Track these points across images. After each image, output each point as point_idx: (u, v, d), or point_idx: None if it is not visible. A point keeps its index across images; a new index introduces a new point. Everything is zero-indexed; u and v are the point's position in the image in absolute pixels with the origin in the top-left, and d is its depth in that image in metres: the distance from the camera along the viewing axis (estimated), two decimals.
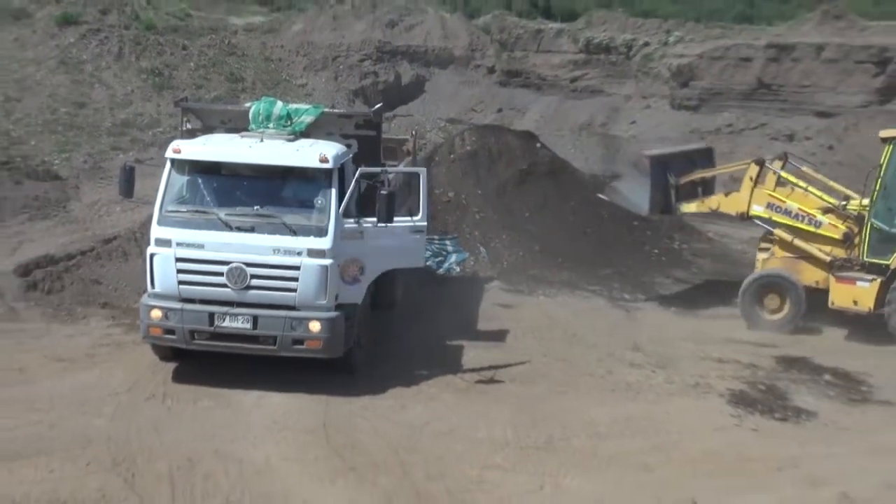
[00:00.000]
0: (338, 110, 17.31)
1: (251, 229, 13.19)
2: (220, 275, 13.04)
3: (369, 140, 15.30)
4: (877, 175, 16.98)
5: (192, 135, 14.53)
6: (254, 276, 13.06)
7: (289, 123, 14.40)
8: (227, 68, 39.11)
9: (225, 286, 13.06)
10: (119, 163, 19.08)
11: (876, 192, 16.89)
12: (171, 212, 13.34)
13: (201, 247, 13.09)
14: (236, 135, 14.33)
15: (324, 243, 13.13)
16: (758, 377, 15.09)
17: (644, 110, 39.58)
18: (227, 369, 13.43)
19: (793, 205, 17.94)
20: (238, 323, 13.12)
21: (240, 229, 13.18)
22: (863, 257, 16.96)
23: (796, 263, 17.84)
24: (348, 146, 14.41)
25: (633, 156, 20.69)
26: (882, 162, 16.95)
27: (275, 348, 13.15)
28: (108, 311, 16.59)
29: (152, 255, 13.23)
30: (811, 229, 17.67)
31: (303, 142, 14.09)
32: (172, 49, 38.71)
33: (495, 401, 13.61)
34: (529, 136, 26.30)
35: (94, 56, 36.06)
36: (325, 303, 13.18)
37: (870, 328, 17.08)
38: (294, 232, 13.15)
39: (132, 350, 14.43)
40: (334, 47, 42.33)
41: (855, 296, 16.88)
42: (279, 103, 14.68)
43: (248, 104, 15.16)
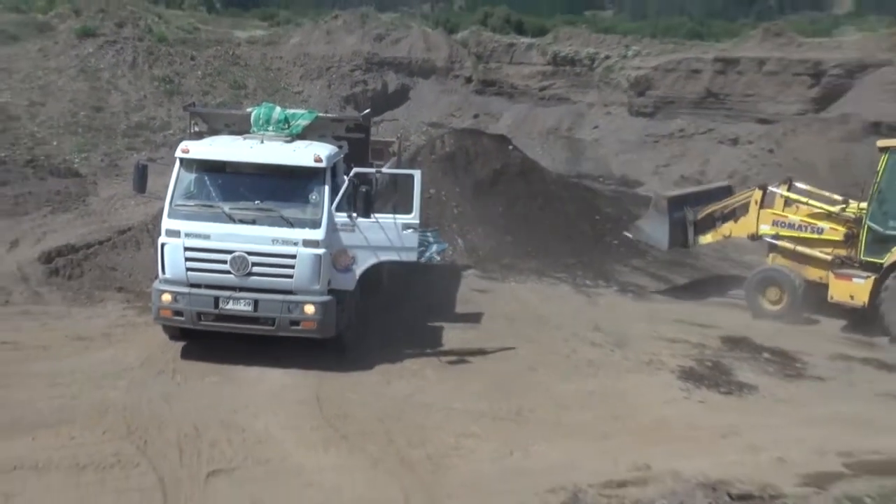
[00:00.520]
0: (330, 115, 17.22)
1: (252, 222, 13.20)
2: (224, 262, 13.04)
3: (359, 142, 15.38)
4: (874, 181, 16.88)
5: (199, 136, 14.48)
6: (255, 264, 13.06)
7: (286, 127, 14.36)
8: (230, 77, 39.05)
9: (228, 273, 13.06)
10: (133, 161, 19.01)
11: (872, 197, 16.80)
12: (180, 206, 13.34)
13: (207, 237, 13.09)
14: (239, 137, 14.29)
15: (317, 234, 13.15)
16: (705, 355, 15.15)
17: (605, 116, 39.66)
18: (231, 348, 13.42)
19: (795, 218, 17.97)
20: (240, 306, 13.12)
21: (242, 221, 13.19)
22: (860, 256, 16.85)
23: (800, 262, 17.78)
24: (340, 147, 14.42)
25: (654, 197, 20.54)
26: (878, 169, 16.83)
27: (273, 329, 13.15)
28: (123, 295, 16.53)
29: (163, 245, 13.22)
30: (815, 236, 17.62)
31: (299, 143, 14.07)
32: (182, 59, 38.63)
33: (471, 376, 13.64)
34: (502, 139, 26.29)
35: (111, 65, 35.95)
36: (318, 288, 13.19)
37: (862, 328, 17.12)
38: (291, 224, 13.16)
39: (145, 330, 14.38)
40: (328, 58, 42.28)
41: (852, 291, 16.75)
42: (278, 108, 14.65)
43: (249, 109, 15.10)
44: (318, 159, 13.28)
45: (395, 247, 13.69)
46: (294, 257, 13.09)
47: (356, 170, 13.86)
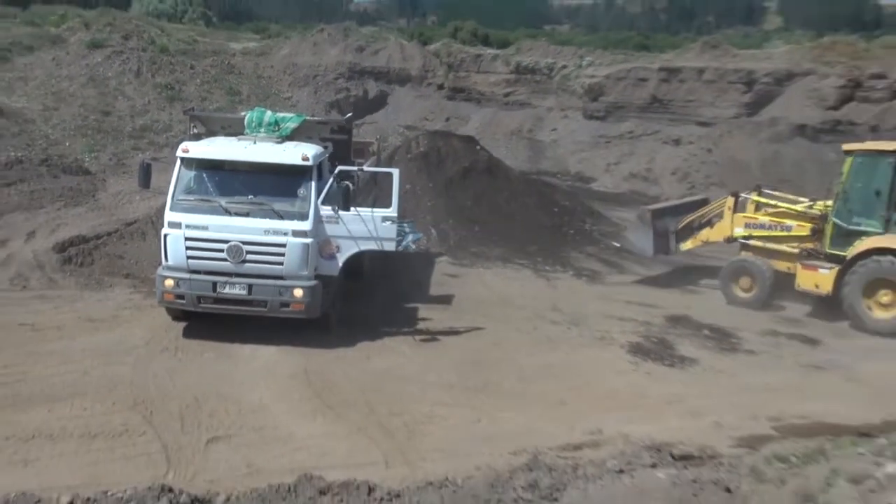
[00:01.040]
0: (316, 119, 17.18)
1: (246, 214, 13.17)
2: (221, 251, 13.02)
3: (342, 143, 15.36)
4: (839, 181, 16.78)
5: (198, 138, 14.38)
6: (249, 252, 13.04)
7: (277, 129, 14.34)
8: (226, 84, 38.84)
9: (225, 260, 13.03)
10: (138, 160, 18.91)
11: (837, 196, 16.69)
12: (181, 200, 13.29)
13: (206, 228, 13.07)
14: (234, 138, 14.24)
15: (305, 225, 13.15)
16: (651, 332, 15.23)
17: (562, 119, 39.73)
18: (227, 327, 13.34)
19: (765, 219, 17.92)
20: (236, 290, 13.09)
21: (237, 214, 13.16)
22: (825, 249, 16.73)
23: (771, 254, 17.74)
24: (325, 147, 14.36)
25: (639, 210, 20.57)
26: (843, 170, 16.71)
27: (266, 310, 13.13)
28: (129, 281, 16.42)
29: (166, 235, 13.20)
30: (783, 233, 17.59)
31: (288, 144, 14.03)
32: (182, 68, 38.38)
33: (443, 352, 13.65)
34: (471, 140, 26.25)
35: (118, 73, 35.69)
36: (306, 273, 13.19)
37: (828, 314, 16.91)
38: (281, 216, 13.16)
39: (150, 312, 14.29)
40: (314, 68, 42.10)
41: (817, 281, 16.59)
42: (269, 113, 14.62)
43: (243, 113, 15.03)
44: (305, 158, 13.27)
45: (376, 237, 13.67)
46: (284, 246, 13.08)
47: (340, 168, 13.84)
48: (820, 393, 12.36)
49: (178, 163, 13.47)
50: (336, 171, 13.71)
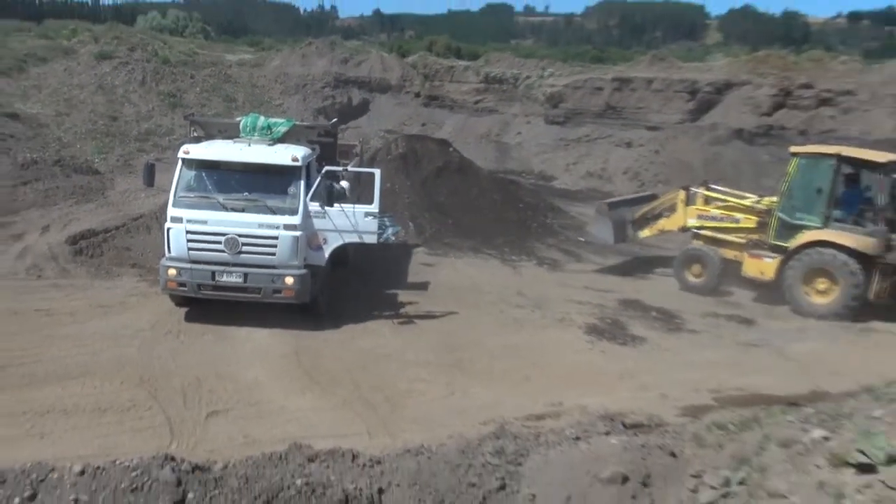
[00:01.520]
0: (305, 123, 17.10)
1: (242, 210, 13.12)
2: (220, 243, 12.98)
3: (328, 145, 15.35)
4: (784, 180, 16.87)
5: (197, 141, 14.28)
6: (244, 244, 13.01)
7: (269, 133, 14.29)
8: (223, 92, 38.61)
9: (223, 251, 12.99)
10: (143, 161, 18.72)
11: (783, 193, 16.79)
12: (183, 197, 13.23)
13: (205, 223, 13.02)
14: (231, 141, 14.17)
15: (295, 220, 13.15)
16: (605, 314, 15.30)
17: (526, 124, 39.74)
18: (225, 312, 13.29)
19: (716, 212, 17.96)
20: (233, 278, 13.04)
21: (234, 210, 13.11)
22: (770, 240, 16.82)
23: (721, 244, 17.75)
24: (313, 149, 14.34)
25: (597, 205, 20.56)
26: (789, 170, 16.78)
27: (260, 296, 13.10)
28: (136, 270, 16.29)
29: (169, 229, 13.14)
30: (732, 225, 17.62)
31: (279, 146, 13.98)
32: (183, 77, 38.12)
33: (420, 333, 13.65)
34: (444, 143, 26.23)
35: (124, 82, 35.42)
36: (296, 263, 13.18)
37: (769, 299, 17.08)
38: (273, 211, 13.13)
39: (154, 299, 14.18)
40: (303, 77, 41.89)
41: (762, 268, 16.70)
42: (262, 118, 14.56)
43: (239, 119, 14.95)
44: (294, 159, 13.27)
45: (359, 230, 13.67)
46: (276, 238, 13.06)
47: (327, 168, 13.83)
48: (754, 368, 12.52)
49: (180, 163, 13.39)
50: (323, 171, 13.71)
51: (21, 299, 14.08)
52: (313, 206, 13.36)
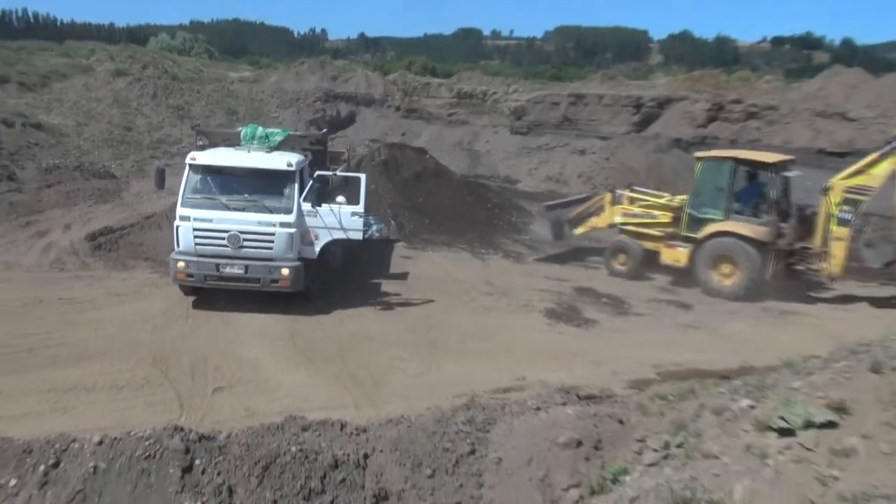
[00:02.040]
0: (299, 133, 16.99)
1: (243, 209, 13.08)
2: (223, 239, 12.94)
3: (319, 152, 15.34)
4: (693, 181, 17.46)
5: (203, 148, 14.16)
6: (245, 240, 12.98)
7: (267, 141, 14.28)
8: (226, 105, 38.37)
9: (226, 246, 12.95)
10: (155, 166, 18.52)
11: (691, 192, 17.34)
12: (190, 198, 13.15)
13: (210, 221, 12.97)
14: (233, 148, 14.11)
15: (290, 218, 13.12)
16: (562, 300, 15.39)
17: (493, 134, 39.76)
18: (229, 300, 13.23)
19: (637, 210, 18.31)
20: (235, 270, 12.98)
21: (235, 209, 13.06)
22: (682, 232, 17.18)
23: (642, 237, 18.07)
24: (305, 156, 14.24)
25: (538, 207, 21.09)
26: (696, 172, 17.36)
27: (259, 286, 13.06)
28: (149, 263, 16.14)
29: (178, 226, 13.08)
30: (651, 220, 17.98)
31: (276, 153, 13.92)
32: (190, 92, 37.83)
33: (400, 318, 13.66)
34: (422, 151, 26.19)
35: (137, 96, 35.11)
36: (291, 256, 13.17)
37: (685, 283, 17.48)
38: (270, 211, 13.09)
39: (165, 288, 14.07)
40: (297, 92, 41.67)
41: (676, 257, 17.09)
42: (260, 128, 14.53)
43: (240, 129, 14.86)
44: (289, 164, 13.25)
45: (346, 228, 13.64)
46: (273, 235, 13.04)
47: (318, 172, 13.80)
48: (691, 346, 12.63)
49: (187, 168, 13.31)
50: (314, 175, 13.68)
51: (46, 289, 13.93)
52: (306, 206, 13.32)
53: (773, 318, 14.84)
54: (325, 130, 20.92)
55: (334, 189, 13.97)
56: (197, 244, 12.99)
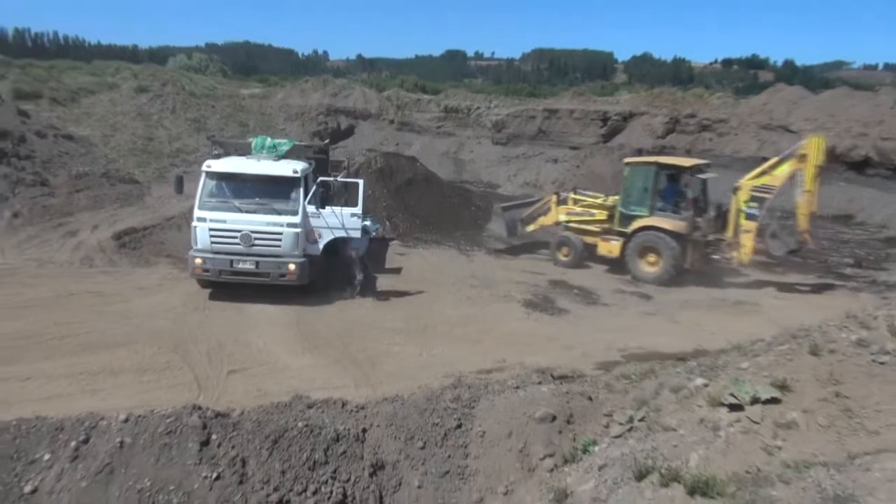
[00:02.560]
0: (303, 143, 16.92)
1: (254, 211, 13.04)
2: (236, 238, 12.88)
3: (322, 161, 15.36)
4: (622, 183, 17.96)
5: (217, 157, 14.08)
6: (256, 238, 12.93)
7: (275, 151, 14.26)
8: (238, 118, 38.07)
9: (239, 244, 12.90)
10: (174, 173, 18.35)
11: (621, 192, 17.84)
12: (206, 201, 13.08)
13: (224, 222, 12.91)
14: (244, 157, 14.03)
15: (296, 219, 13.08)
16: (538, 291, 15.41)
17: (477, 145, 39.71)
18: (241, 292, 13.15)
19: (578, 209, 18.75)
20: (247, 265, 12.93)
21: (247, 211, 13.02)
22: (615, 227, 17.72)
23: (583, 232, 18.49)
24: (309, 164, 14.24)
25: (494, 207, 21.26)
26: (625, 175, 17.86)
27: (269, 280, 13.00)
28: (169, 260, 16.00)
29: (195, 227, 13.01)
30: (590, 218, 18.45)
31: (283, 161, 13.88)
32: (205, 107, 37.51)
33: (395, 307, 13.63)
34: (413, 159, 26.12)
35: (158, 110, 34.74)
36: (297, 253, 13.13)
37: (619, 271, 17.62)
38: (278, 213, 13.06)
39: (184, 282, 13.98)
40: (301, 107, 41.43)
41: (610, 248, 17.66)
42: (269, 139, 14.48)
43: (250, 139, 14.78)
44: (295, 171, 13.22)
45: (346, 228, 13.61)
46: (281, 234, 13.00)
47: (321, 178, 13.77)
48: (652, 331, 12.70)
49: (203, 175, 13.24)
50: (318, 181, 13.66)
51: (76, 283, 13.79)
52: (310, 209, 13.29)
53: (725, 307, 14.92)
54: (327, 141, 20.85)
55: (335, 193, 13.93)
56: (213, 242, 12.91)
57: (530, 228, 19.96)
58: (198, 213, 12.97)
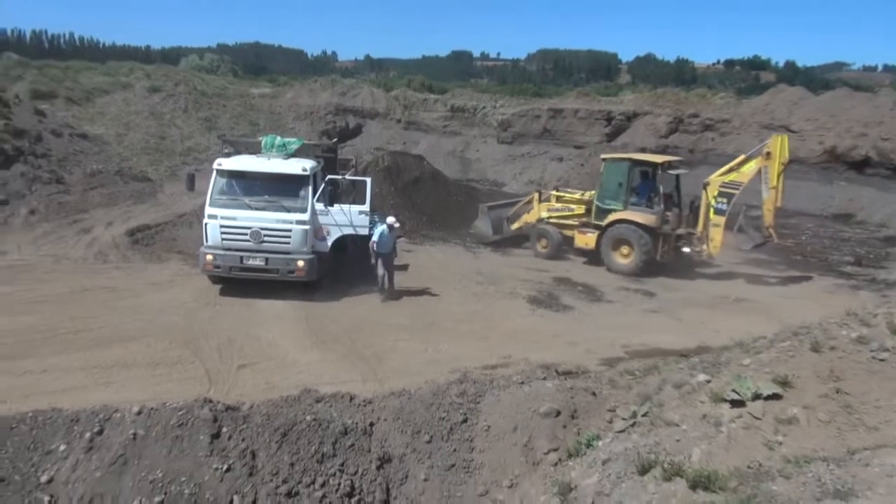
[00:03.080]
0: (312, 142, 16.95)
1: (264, 208, 13.04)
2: (246, 234, 12.89)
3: (330, 159, 15.28)
4: (598, 178, 18.40)
5: (228, 155, 14.08)
6: (265, 235, 12.93)
7: (284, 149, 14.21)
8: (248, 118, 38.18)
9: (249, 241, 12.91)
10: (186, 171, 18.43)
11: (598, 187, 18.22)
12: (217, 199, 13.10)
13: (235, 219, 12.92)
14: (254, 155, 14.02)
15: (305, 216, 13.09)
16: (543, 288, 15.38)
17: (483, 144, 39.72)
18: (251, 288, 13.17)
19: (558, 205, 19.18)
20: (257, 262, 12.96)
21: (257, 208, 13.02)
22: (592, 221, 18.09)
23: (562, 226, 18.89)
24: (318, 162, 14.21)
25: (481, 206, 21.48)
26: (602, 171, 18.30)
27: (278, 276, 13.01)
28: (181, 256, 16.06)
29: (206, 224, 13.03)
30: (569, 213, 18.84)
31: (292, 160, 13.86)
32: (217, 106, 37.63)
33: (402, 303, 13.62)
34: (420, 158, 26.15)
35: (171, 110, 34.88)
36: (306, 250, 13.14)
37: (596, 263, 17.70)
38: (288, 210, 13.06)
39: (195, 278, 14.01)
40: (310, 106, 41.48)
41: (587, 241, 18.07)
42: (278, 138, 14.45)
43: (260, 138, 14.78)
44: (304, 169, 13.20)
45: (354, 225, 13.62)
46: (290, 231, 13.00)
47: (329, 177, 13.75)
48: (655, 328, 12.67)
49: (215, 173, 13.23)
50: (326, 179, 13.63)
51: (90, 279, 13.85)
52: (318, 206, 13.29)
53: (726, 304, 14.86)
54: (335, 140, 20.85)
55: (343, 191, 13.93)
56: (223, 239, 12.92)
57: (515, 226, 20.32)
58: (209, 210, 12.99)
